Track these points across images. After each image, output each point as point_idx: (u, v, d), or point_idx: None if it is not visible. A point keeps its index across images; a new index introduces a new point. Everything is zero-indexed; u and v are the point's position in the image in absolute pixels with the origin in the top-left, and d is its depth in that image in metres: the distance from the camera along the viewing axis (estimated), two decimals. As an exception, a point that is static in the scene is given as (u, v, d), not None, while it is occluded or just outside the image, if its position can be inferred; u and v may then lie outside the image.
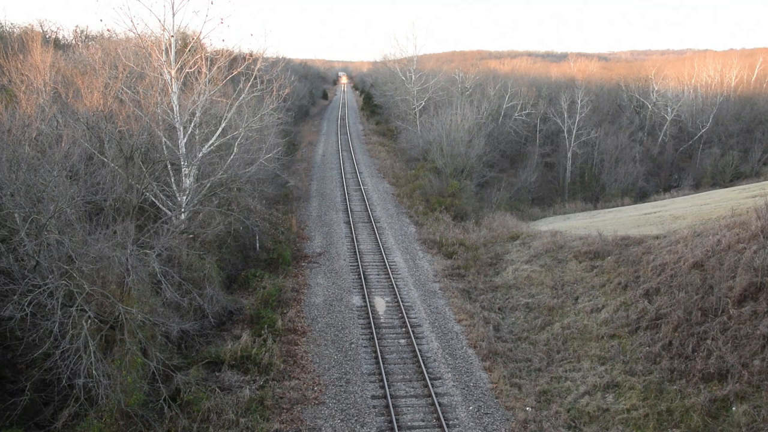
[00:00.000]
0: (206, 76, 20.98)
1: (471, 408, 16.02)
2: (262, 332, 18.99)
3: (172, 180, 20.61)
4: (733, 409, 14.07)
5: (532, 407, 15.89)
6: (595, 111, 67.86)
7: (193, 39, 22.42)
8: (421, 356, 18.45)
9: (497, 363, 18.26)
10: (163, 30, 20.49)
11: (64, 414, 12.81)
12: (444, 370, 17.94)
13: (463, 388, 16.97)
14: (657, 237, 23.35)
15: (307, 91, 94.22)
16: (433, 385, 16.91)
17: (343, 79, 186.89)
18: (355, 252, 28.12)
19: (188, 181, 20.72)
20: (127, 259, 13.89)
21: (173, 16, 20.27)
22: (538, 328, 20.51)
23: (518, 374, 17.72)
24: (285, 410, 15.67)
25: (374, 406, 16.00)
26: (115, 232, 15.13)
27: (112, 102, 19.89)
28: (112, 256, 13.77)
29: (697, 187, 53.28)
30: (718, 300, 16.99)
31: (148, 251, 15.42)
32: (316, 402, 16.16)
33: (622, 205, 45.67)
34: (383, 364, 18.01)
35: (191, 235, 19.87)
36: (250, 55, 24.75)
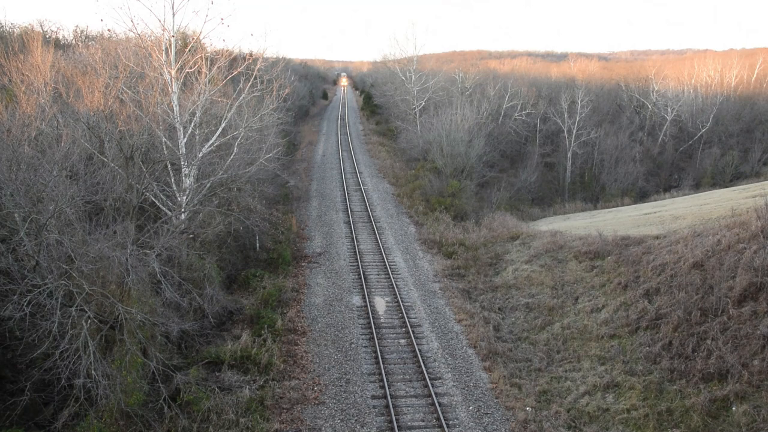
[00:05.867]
0: (206, 76, 20.97)
1: (471, 408, 16.02)
2: (262, 332, 18.99)
3: (172, 180, 20.60)
4: (733, 409, 14.07)
5: (532, 407, 15.88)
6: (595, 111, 67.83)
7: (193, 39, 22.41)
8: (421, 356, 18.45)
9: (497, 363, 18.25)
10: (163, 30, 20.50)
11: (64, 414, 12.80)
12: (444, 370, 17.93)
13: (463, 388, 16.97)
14: (657, 237, 23.34)
15: (307, 91, 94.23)
16: (433, 385, 16.90)
17: (343, 80, 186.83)
18: (355, 252, 28.12)
19: (188, 181, 20.72)
20: (127, 259, 13.88)
21: (173, 16, 20.31)
22: (538, 328, 20.51)
23: (518, 374, 17.71)
24: (285, 410, 15.66)
25: (374, 406, 16.00)
26: (115, 232, 15.12)
27: (113, 102, 19.87)
28: (112, 256, 13.76)
29: (697, 187, 53.27)
30: (718, 300, 16.99)
31: (148, 251, 15.41)
32: (316, 402, 16.16)
33: (622, 205, 45.66)
34: (383, 364, 18.00)
35: (191, 235, 19.86)
36: (250, 55, 24.72)
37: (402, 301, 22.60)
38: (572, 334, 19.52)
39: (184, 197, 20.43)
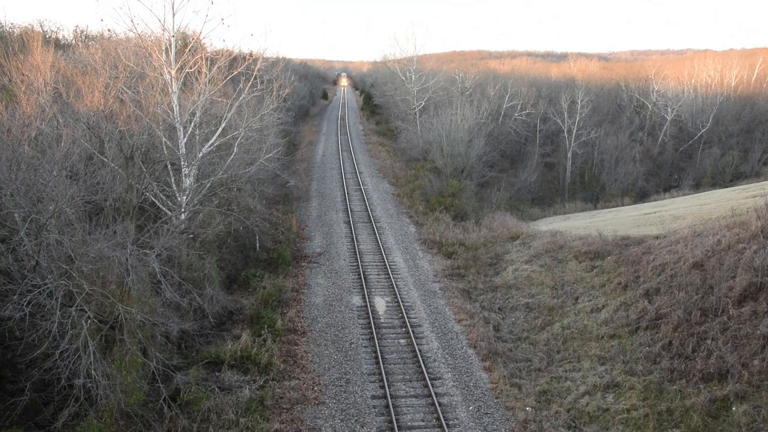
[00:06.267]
0: (206, 76, 20.97)
1: (471, 408, 16.02)
2: (262, 332, 18.99)
3: (172, 180, 20.60)
4: (733, 409, 14.07)
5: (532, 407, 15.88)
6: (595, 111, 67.83)
7: (193, 39, 22.41)
8: (421, 356, 18.45)
9: (497, 363, 18.25)
10: (164, 30, 20.50)
11: (64, 414, 12.80)
12: (444, 370, 17.93)
13: (463, 388, 16.97)
14: (657, 237, 23.34)
15: (307, 91, 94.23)
16: (433, 385, 16.90)
17: (343, 80, 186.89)
18: (355, 252, 28.12)
19: (188, 181, 20.72)
20: (127, 259, 13.88)
21: (173, 16, 20.30)
22: (538, 328, 20.51)
23: (518, 374, 17.71)
24: (285, 410, 15.66)
25: (374, 406, 16.00)
26: (115, 232, 15.13)
27: (113, 102, 19.87)
28: (112, 256, 13.76)
29: (697, 187, 53.28)
30: (718, 300, 16.98)
31: (147, 251, 15.41)
32: (316, 402, 16.16)
33: (622, 205, 45.67)
34: (383, 364, 18.00)
35: (191, 235, 19.86)
36: (250, 55, 24.72)
37: (402, 301, 22.59)
38: (572, 334, 19.52)
39: (184, 197, 20.43)
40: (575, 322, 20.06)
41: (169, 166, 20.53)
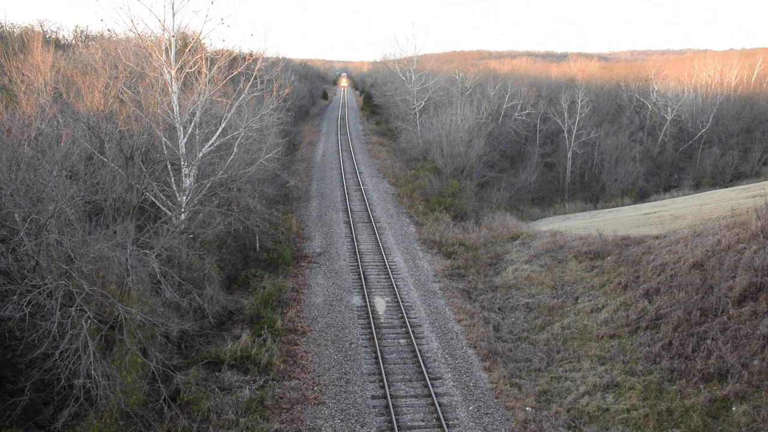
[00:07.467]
0: (206, 76, 20.97)
1: (471, 408, 16.02)
2: (262, 332, 18.99)
3: (172, 180, 20.61)
4: (733, 409, 14.07)
5: (532, 407, 15.88)
6: (595, 111, 67.81)
7: (193, 39, 22.41)
8: (421, 356, 18.45)
9: (497, 363, 18.26)
10: (163, 30, 20.50)
11: (64, 414, 12.80)
12: (444, 370, 17.93)
13: (463, 388, 16.97)
14: (657, 237, 23.34)
15: (307, 91, 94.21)
16: (433, 385, 16.90)
17: (343, 80, 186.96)
18: (355, 252, 28.12)
19: (188, 181, 20.72)
20: (126, 259, 13.88)
21: (173, 16, 20.33)
22: (538, 328, 20.51)
23: (518, 374, 17.72)
24: (285, 410, 15.67)
25: (374, 406, 16.00)
26: (114, 232, 15.13)
27: (113, 102, 19.88)
28: (112, 256, 13.76)
29: (697, 187, 53.26)
30: (718, 300, 16.99)
31: (147, 251, 15.41)
32: (316, 402, 16.16)
33: (622, 205, 45.65)
34: (383, 364, 18.00)
35: (191, 235, 19.87)
36: (250, 55, 24.73)
37: (402, 301, 22.60)
38: (572, 334, 19.52)
39: (184, 197, 20.43)
40: (575, 322, 20.06)
41: (169, 166, 20.54)
